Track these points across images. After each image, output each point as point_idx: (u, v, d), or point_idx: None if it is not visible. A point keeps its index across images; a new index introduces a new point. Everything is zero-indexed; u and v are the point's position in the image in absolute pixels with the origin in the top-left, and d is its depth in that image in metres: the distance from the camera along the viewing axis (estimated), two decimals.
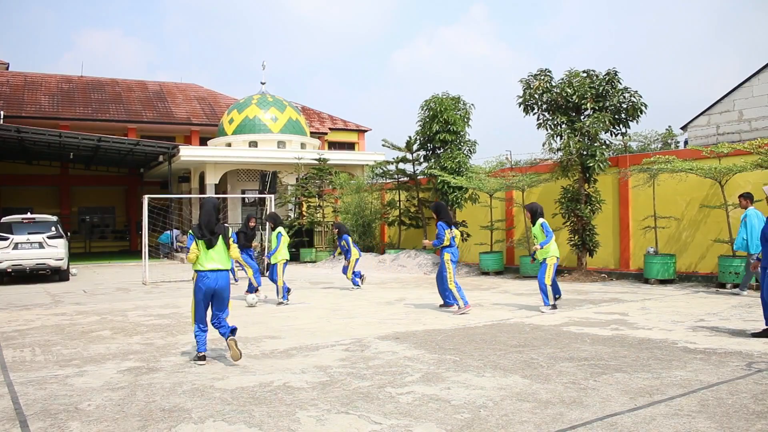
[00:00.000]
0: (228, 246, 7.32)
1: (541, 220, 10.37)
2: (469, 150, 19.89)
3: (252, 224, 13.53)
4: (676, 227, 14.98)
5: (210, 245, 7.20)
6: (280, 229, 12.25)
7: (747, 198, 11.96)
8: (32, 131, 26.02)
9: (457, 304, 10.31)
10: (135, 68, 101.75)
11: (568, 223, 15.97)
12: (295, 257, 25.91)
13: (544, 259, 10.24)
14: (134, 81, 42.25)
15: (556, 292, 10.48)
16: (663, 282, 14.22)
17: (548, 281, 10.16)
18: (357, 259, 14.86)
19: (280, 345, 8.19)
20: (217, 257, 7.24)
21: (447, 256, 10.40)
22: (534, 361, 7.00)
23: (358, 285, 14.61)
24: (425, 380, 6.37)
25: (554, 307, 10.21)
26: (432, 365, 6.93)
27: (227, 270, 7.24)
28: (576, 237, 15.86)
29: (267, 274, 18.43)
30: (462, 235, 19.47)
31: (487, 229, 18.42)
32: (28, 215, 18.52)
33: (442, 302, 10.90)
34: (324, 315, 10.70)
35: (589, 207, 15.66)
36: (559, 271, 16.30)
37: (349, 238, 14.52)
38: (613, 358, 7.08)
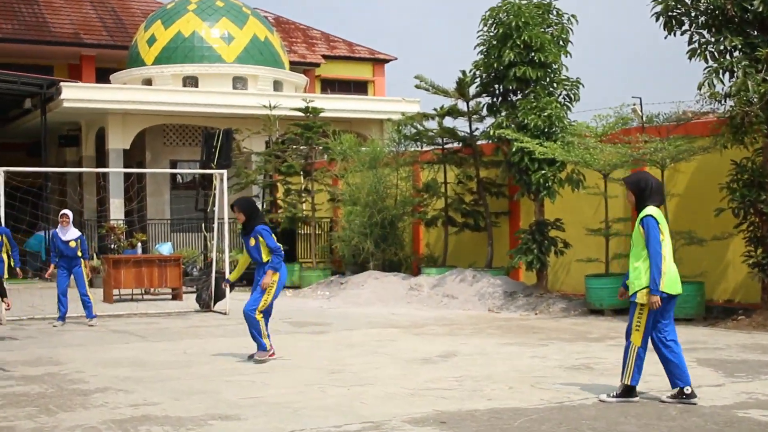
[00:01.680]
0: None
1: (649, 210, 9.69)
2: (568, 96, 19.91)
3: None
4: None
5: None
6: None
7: None
8: None
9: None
10: None
11: (744, 225, 15.93)
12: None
13: (634, 296, 9.59)
14: None
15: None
16: None
17: (637, 342, 9.43)
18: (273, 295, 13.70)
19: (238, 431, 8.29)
20: None
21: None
22: None
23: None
24: None
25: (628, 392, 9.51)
26: None
27: None
28: (759, 251, 15.81)
29: (215, 305, 18.89)
30: (553, 245, 19.59)
31: (599, 234, 18.43)
32: None
33: None
34: (315, 379, 10.80)
35: None
36: (731, 310, 16.24)
37: (272, 238, 12.40)
38: None
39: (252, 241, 12.28)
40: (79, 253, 17.13)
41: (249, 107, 29.65)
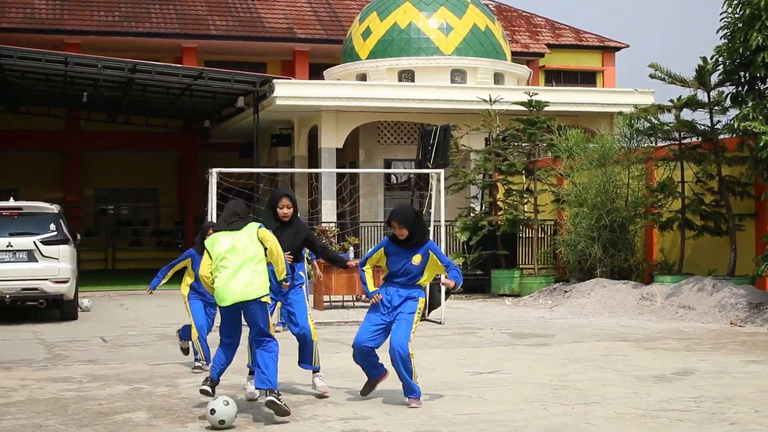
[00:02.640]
0: None
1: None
2: None
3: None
4: None
5: None
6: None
7: None
8: (18, 53, 28.14)
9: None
10: None
11: None
12: (481, 285, 26.12)
13: None
14: None
15: None
16: None
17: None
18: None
19: None
20: None
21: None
22: None
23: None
24: None
25: None
26: None
27: None
28: None
29: (429, 313, 18.99)
30: None
31: None
32: (10, 203, 19.95)
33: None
34: (537, 396, 10.74)
35: None
36: None
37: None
38: None
39: (417, 259, 10.40)
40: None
41: (468, 102, 29.72)
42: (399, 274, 10.33)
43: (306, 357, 10.93)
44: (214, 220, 17.67)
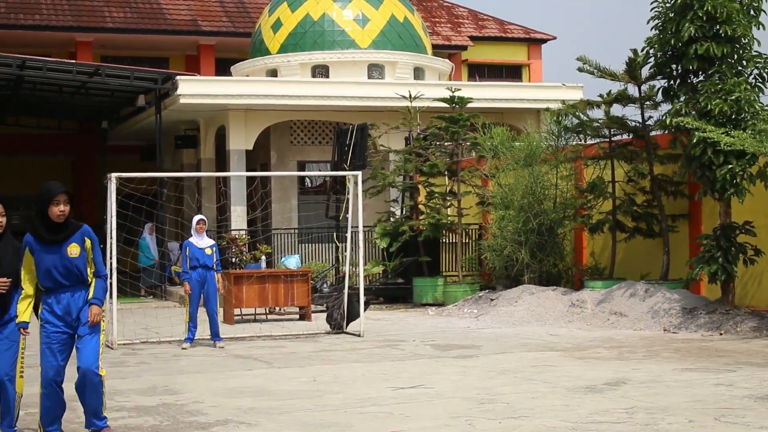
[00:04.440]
0: None
1: None
2: (760, 76, 19.62)
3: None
4: None
5: None
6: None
7: None
8: None
9: None
10: None
11: None
12: (403, 295, 26.30)
13: None
14: None
15: None
16: None
17: None
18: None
19: None
20: None
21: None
22: None
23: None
24: None
25: None
26: None
27: None
28: None
29: (348, 326, 19.14)
30: (742, 252, 19.27)
31: None
32: None
33: None
34: (463, 410, 10.84)
35: None
36: None
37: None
38: None
39: (75, 249, 9.17)
40: (214, 265, 17.70)
41: (386, 98, 29.75)
42: (55, 272, 9.19)
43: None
44: (114, 230, 17.69)
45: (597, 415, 10.47)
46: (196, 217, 18.20)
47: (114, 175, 18.24)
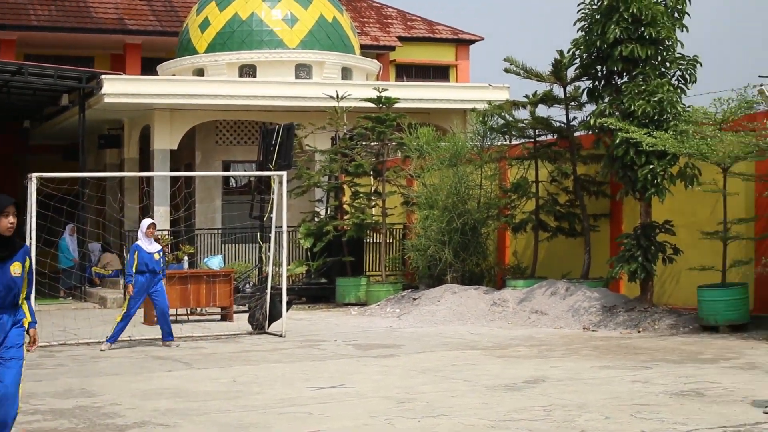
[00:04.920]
0: None
1: None
2: (683, 77, 19.84)
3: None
4: None
5: None
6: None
7: None
8: None
9: None
10: None
11: None
12: (326, 295, 26.34)
13: None
14: None
15: None
16: None
17: None
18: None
19: None
20: None
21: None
22: None
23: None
24: None
25: None
26: None
27: None
28: None
29: (269, 326, 19.10)
30: (661, 251, 19.48)
31: (715, 238, 18.36)
32: None
33: None
34: (383, 410, 10.87)
35: None
36: None
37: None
38: None
39: (17, 268, 8.60)
40: (161, 270, 17.70)
41: (313, 98, 29.71)
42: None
43: None
44: (33, 230, 17.47)
45: (515, 413, 10.54)
46: (147, 221, 18.16)
47: (35, 174, 18.07)
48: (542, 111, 22.96)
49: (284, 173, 20.41)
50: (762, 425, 9.60)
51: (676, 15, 19.80)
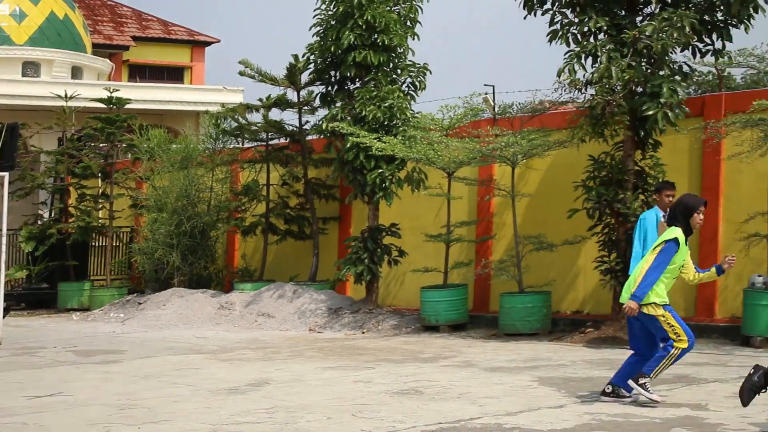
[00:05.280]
0: None
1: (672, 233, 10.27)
2: (413, 84, 20.24)
3: None
4: None
5: None
6: None
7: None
8: None
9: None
10: None
11: (599, 228, 16.39)
12: (47, 300, 25.82)
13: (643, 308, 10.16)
14: None
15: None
16: None
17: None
18: None
19: None
20: None
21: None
22: None
23: None
24: None
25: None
26: None
27: None
28: (612, 256, 16.25)
29: None
30: (387, 253, 19.89)
31: (439, 240, 18.72)
32: None
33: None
34: (102, 418, 10.65)
35: (641, 195, 16.02)
36: (579, 322, 16.91)
37: None
38: None
39: None
40: None
41: (41, 98, 29.17)
42: None
43: None
44: None
45: (238, 416, 10.49)
46: None
47: None
48: (276, 114, 23.18)
49: (6, 174, 19.74)
50: (476, 420, 9.86)
51: (408, 23, 20.21)
